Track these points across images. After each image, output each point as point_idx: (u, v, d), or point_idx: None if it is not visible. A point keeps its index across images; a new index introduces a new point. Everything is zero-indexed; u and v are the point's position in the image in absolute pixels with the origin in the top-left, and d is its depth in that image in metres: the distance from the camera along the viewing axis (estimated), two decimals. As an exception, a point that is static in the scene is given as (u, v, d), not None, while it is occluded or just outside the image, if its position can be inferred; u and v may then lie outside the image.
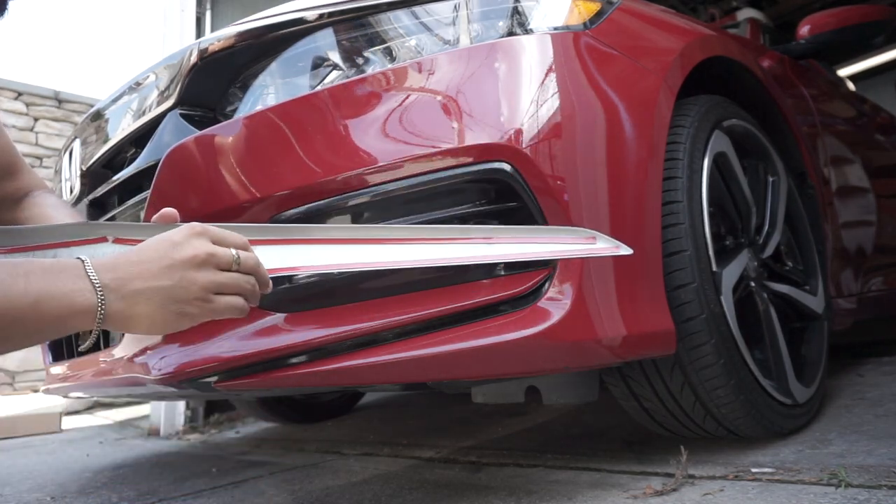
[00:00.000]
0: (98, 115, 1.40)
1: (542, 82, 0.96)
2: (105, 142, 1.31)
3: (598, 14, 1.11)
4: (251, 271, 0.73)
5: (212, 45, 1.12)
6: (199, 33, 2.95)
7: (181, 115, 1.12)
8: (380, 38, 1.06)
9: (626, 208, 0.98)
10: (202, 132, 1.04)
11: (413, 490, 1.18)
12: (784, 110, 1.59)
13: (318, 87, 1.05)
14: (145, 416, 2.95)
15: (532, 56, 0.98)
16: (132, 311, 0.66)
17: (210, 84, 1.13)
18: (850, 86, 3.15)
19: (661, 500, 0.93)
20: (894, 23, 2.25)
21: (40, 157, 4.52)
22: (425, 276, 0.92)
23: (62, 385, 1.40)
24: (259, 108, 1.07)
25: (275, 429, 2.38)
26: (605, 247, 0.82)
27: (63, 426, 2.99)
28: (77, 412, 3.86)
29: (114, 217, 1.25)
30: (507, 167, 0.90)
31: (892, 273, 2.13)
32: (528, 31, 1.02)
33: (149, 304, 0.66)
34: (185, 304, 0.69)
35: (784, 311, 1.35)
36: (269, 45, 1.11)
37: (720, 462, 1.09)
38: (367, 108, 0.97)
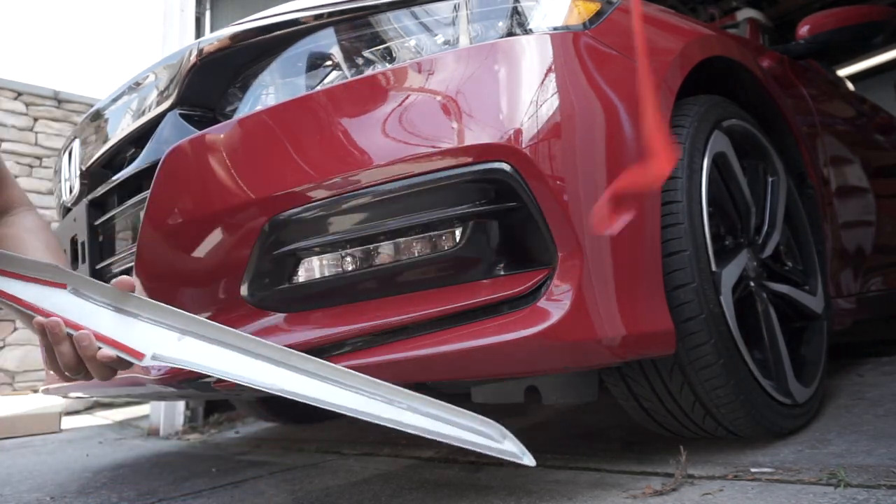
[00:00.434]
0: (98, 115, 1.40)
1: (542, 82, 0.96)
2: (105, 142, 1.31)
3: (598, 14, 1.11)
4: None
5: (211, 46, 1.12)
6: (199, 33, 2.95)
7: (181, 115, 1.12)
8: (379, 39, 1.06)
9: (626, 208, 0.98)
10: (202, 132, 1.04)
11: (413, 490, 1.18)
12: (784, 110, 1.59)
13: (318, 88, 1.05)
14: (145, 416, 2.95)
15: (532, 56, 0.98)
16: None
17: (209, 84, 1.13)
18: (850, 86, 3.15)
19: (660, 499, 0.93)
20: (894, 23, 2.25)
21: (40, 157, 4.52)
22: (425, 276, 0.92)
23: (62, 385, 1.40)
24: (259, 108, 1.07)
25: (275, 429, 2.38)
26: (508, 450, 0.81)
27: (63, 426, 2.99)
28: (77, 412, 3.86)
29: (113, 217, 1.25)
30: (506, 167, 0.91)
31: (892, 273, 2.14)
32: (527, 32, 1.02)
33: None
34: None
35: (783, 311, 1.35)
36: (268, 45, 1.11)
37: (719, 462, 1.09)
38: (366, 109, 0.97)
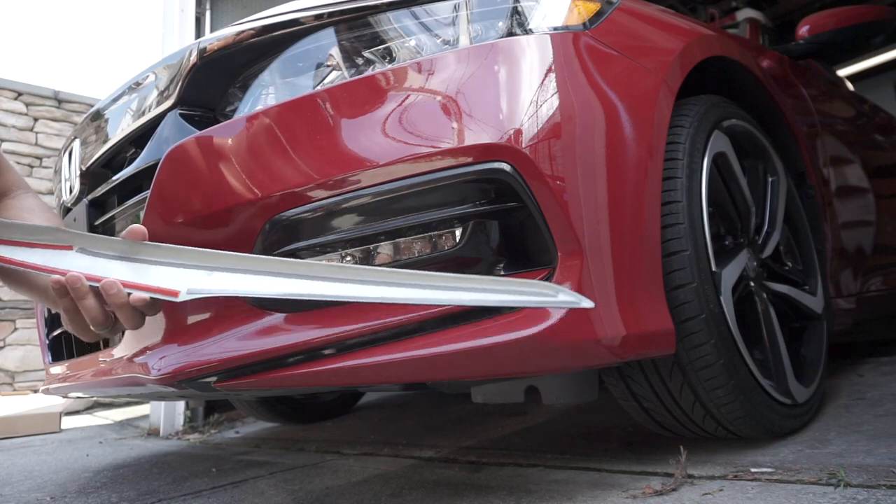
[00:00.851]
0: (98, 115, 1.40)
1: (542, 82, 0.96)
2: (105, 142, 1.31)
3: (598, 14, 1.11)
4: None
5: (211, 45, 1.12)
6: (199, 33, 2.95)
7: (181, 115, 1.12)
8: (379, 39, 1.06)
9: (626, 208, 0.98)
10: (202, 132, 1.04)
11: (413, 490, 1.18)
12: (783, 110, 1.59)
13: (318, 88, 1.05)
14: (145, 416, 2.95)
15: (532, 56, 0.98)
16: None
17: (210, 84, 1.13)
18: (850, 86, 3.15)
19: (660, 499, 0.93)
20: (894, 23, 2.25)
21: (40, 157, 4.52)
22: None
23: (62, 385, 1.40)
24: (259, 108, 1.07)
25: (275, 429, 2.38)
26: (566, 300, 0.82)
27: (63, 426, 2.99)
28: (77, 412, 3.86)
29: (113, 217, 1.25)
30: (506, 167, 0.91)
31: (892, 273, 2.14)
32: (527, 32, 1.02)
33: None
34: None
35: (783, 311, 1.35)
36: (268, 45, 1.11)
37: (719, 462, 1.09)
38: (366, 109, 0.97)
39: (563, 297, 0.80)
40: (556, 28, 1.03)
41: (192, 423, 2.59)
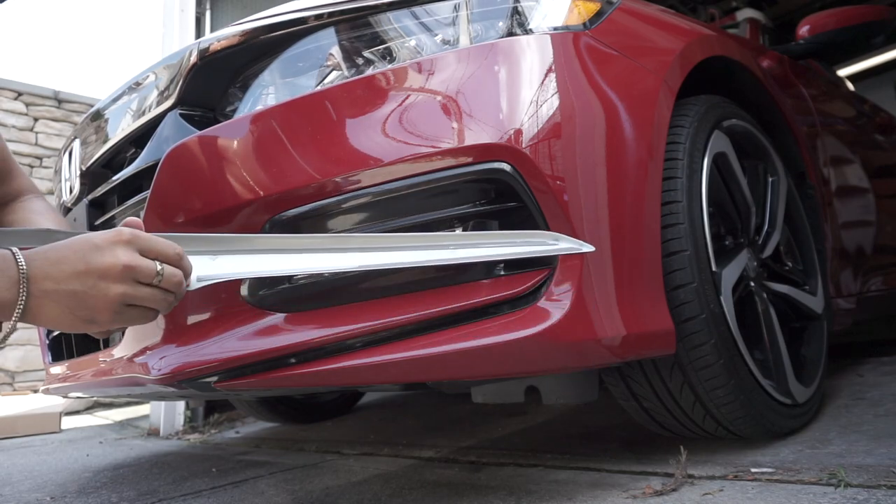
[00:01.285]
0: (98, 115, 1.40)
1: (542, 82, 0.96)
2: (105, 142, 1.31)
3: (598, 14, 1.11)
4: (172, 288, 0.70)
5: (212, 45, 1.12)
6: (199, 33, 2.95)
7: (181, 115, 1.12)
8: (380, 39, 1.06)
9: (626, 208, 0.98)
10: (202, 132, 1.04)
11: (413, 490, 1.18)
12: (784, 110, 1.59)
13: (318, 88, 1.05)
14: (145, 416, 2.95)
15: (532, 56, 0.98)
16: (39, 310, 0.64)
17: (210, 84, 1.13)
18: (850, 86, 3.15)
19: (660, 500, 0.93)
20: (894, 23, 2.25)
21: (40, 157, 4.52)
22: (425, 277, 0.92)
23: (62, 385, 1.40)
24: (259, 108, 1.07)
25: (275, 429, 2.38)
26: (567, 246, 0.83)
27: (63, 426, 2.99)
28: (77, 412, 3.86)
29: (113, 217, 1.25)
30: (506, 167, 0.90)
31: (892, 273, 2.14)
32: (527, 32, 1.02)
33: (56, 306, 0.64)
34: (94, 311, 0.66)
35: (784, 311, 1.35)
36: (269, 45, 1.11)
37: (720, 462, 1.09)
38: (367, 109, 0.97)
39: (563, 244, 0.83)
40: (556, 28, 1.03)
41: (192, 423, 2.59)
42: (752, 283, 1.25)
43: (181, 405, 2.58)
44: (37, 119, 4.57)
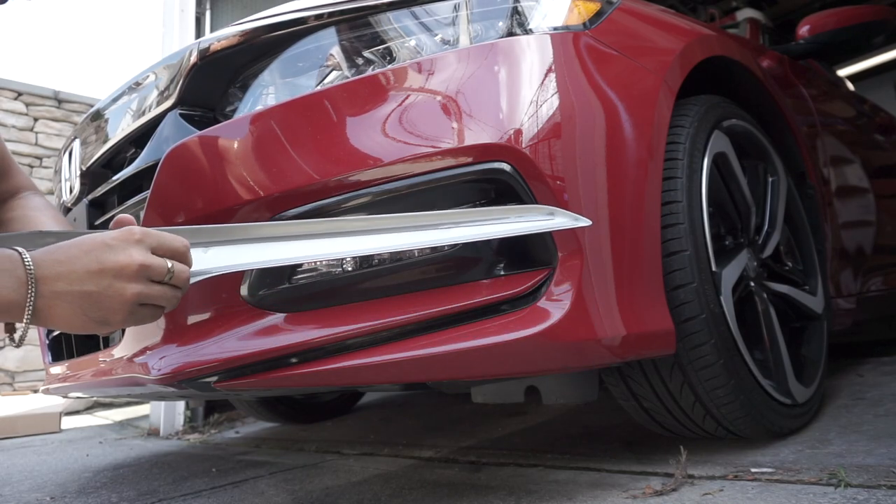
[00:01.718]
0: (98, 115, 1.40)
1: (542, 82, 0.96)
2: (105, 142, 1.31)
3: (598, 14, 1.11)
4: (181, 284, 0.70)
5: (212, 45, 1.12)
6: (199, 33, 2.94)
7: (181, 115, 1.12)
8: (379, 39, 1.06)
9: (626, 208, 0.98)
10: (202, 132, 1.04)
11: (413, 490, 1.18)
12: (784, 110, 1.59)
13: (318, 88, 1.05)
14: (145, 416, 2.95)
15: (532, 56, 0.98)
16: (50, 312, 0.63)
17: (210, 84, 1.13)
18: (850, 86, 3.15)
19: (660, 500, 0.93)
20: (894, 23, 2.25)
21: (40, 157, 4.52)
22: (425, 276, 0.92)
23: (62, 385, 1.40)
24: (259, 108, 1.07)
25: (275, 429, 2.38)
26: (563, 221, 0.83)
27: (63, 426, 2.99)
28: (77, 412, 3.86)
29: (113, 217, 1.25)
30: (506, 167, 0.91)
31: (892, 273, 2.14)
32: (527, 32, 1.02)
33: (68, 308, 0.63)
34: (107, 311, 0.65)
35: (784, 311, 1.35)
36: (269, 45, 1.11)
37: (720, 462, 1.09)
38: (366, 108, 0.97)
39: (559, 218, 0.83)
40: (556, 28, 1.03)
41: (192, 423, 2.59)
42: (752, 283, 1.25)
43: (181, 405, 2.58)
44: (37, 119, 4.57)
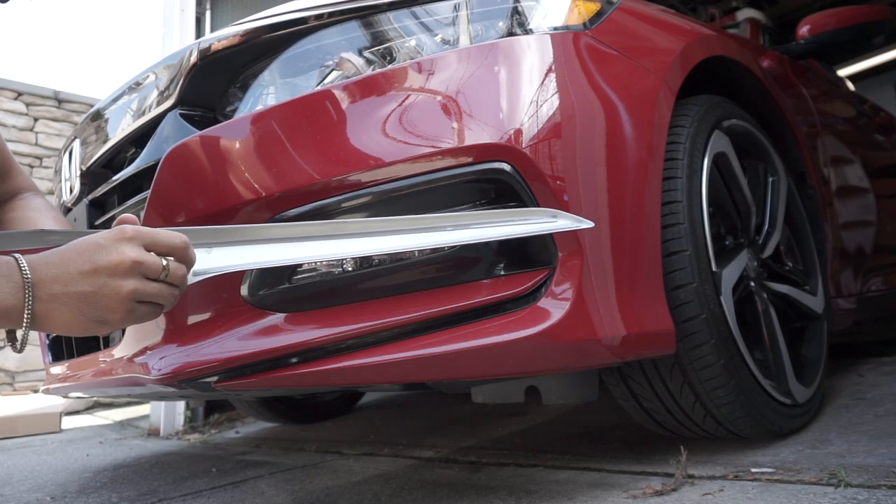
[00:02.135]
0: (98, 115, 1.40)
1: (542, 82, 0.96)
2: (105, 142, 1.31)
3: (598, 14, 1.11)
4: (178, 282, 0.70)
5: (212, 45, 1.12)
6: (199, 33, 2.94)
7: (181, 115, 1.12)
8: (380, 39, 1.06)
9: (626, 208, 0.98)
10: (202, 132, 1.04)
11: (413, 490, 1.18)
12: (784, 110, 1.59)
13: (319, 87, 1.05)
14: (145, 416, 2.95)
15: (532, 56, 0.98)
16: (48, 315, 0.63)
17: (210, 84, 1.13)
18: (850, 86, 3.15)
19: (660, 500, 0.93)
20: (894, 23, 2.25)
21: (40, 157, 4.52)
22: (425, 276, 0.92)
23: (62, 385, 1.40)
24: (259, 108, 1.07)
25: (275, 429, 2.38)
26: (566, 223, 0.84)
27: (63, 426, 2.99)
28: (77, 412, 3.86)
29: (114, 217, 1.25)
30: (506, 167, 0.91)
31: (893, 273, 2.14)
32: (527, 32, 1.02)
33: (66, 310, 0.63)
34: (105, 311, 0.65)
35: (784, 311, 1.35)
36: (269, 45, 1.11)
37: (720, 462, 1.09)
38: (367, 108, 0.97)
39: (562, 221, 0.83)
40: (556, 28, 1.03)
41: (192, 423, 2.59)
42: (753, 283, 1.25)
43: (181, 405, 2.58)
44: (37, 119, 4.57)
